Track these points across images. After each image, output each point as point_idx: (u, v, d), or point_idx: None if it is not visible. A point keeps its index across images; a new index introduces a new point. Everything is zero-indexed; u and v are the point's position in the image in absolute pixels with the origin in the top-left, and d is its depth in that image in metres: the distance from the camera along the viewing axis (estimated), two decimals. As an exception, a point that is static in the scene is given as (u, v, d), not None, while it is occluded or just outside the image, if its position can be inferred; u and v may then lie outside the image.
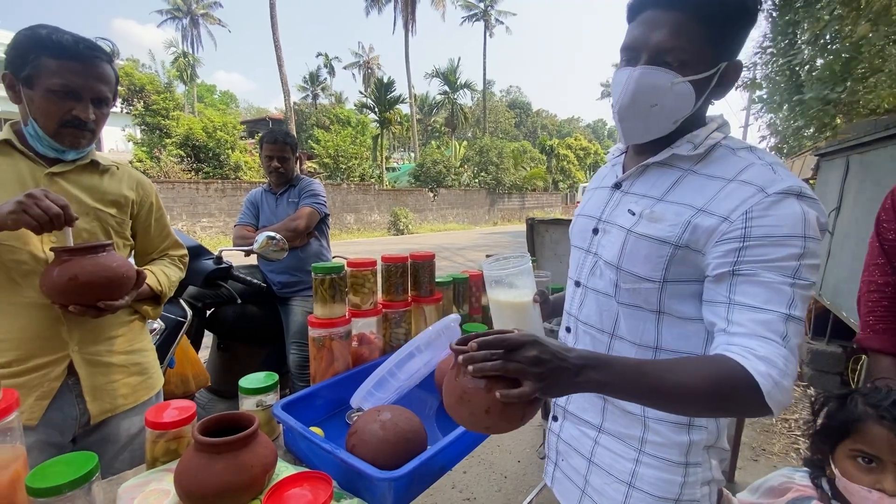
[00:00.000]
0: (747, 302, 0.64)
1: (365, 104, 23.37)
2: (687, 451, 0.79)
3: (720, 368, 0.61)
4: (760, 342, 0.62)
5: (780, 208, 0.65)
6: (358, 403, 1.07)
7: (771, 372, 0.59)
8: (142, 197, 1.25)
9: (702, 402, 0.62)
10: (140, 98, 13.78)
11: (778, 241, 0.64)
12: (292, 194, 2.32)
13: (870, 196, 2.90)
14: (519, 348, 0.59)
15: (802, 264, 0.64)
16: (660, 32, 0.69)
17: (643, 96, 0.72)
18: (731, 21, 0.69)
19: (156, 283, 1.23)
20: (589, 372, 0.60)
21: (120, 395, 1.18)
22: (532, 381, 0.58)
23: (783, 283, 0.63)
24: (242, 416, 0.82)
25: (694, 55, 0.69)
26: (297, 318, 2.18)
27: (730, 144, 0.75)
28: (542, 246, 3.01)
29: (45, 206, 0.91)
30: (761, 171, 0.68)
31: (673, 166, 0.77)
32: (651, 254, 0.73)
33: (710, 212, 0.69)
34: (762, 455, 2.61)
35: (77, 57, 1.00)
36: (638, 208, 0.77)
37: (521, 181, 25.72)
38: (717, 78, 0.72)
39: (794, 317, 0.63)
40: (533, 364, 0.58)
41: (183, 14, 35.29)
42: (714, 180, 0.71)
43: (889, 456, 0.82)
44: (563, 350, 0.61)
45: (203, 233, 12.66)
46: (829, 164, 3.89)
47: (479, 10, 33.20)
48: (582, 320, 0.88)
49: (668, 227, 0.71)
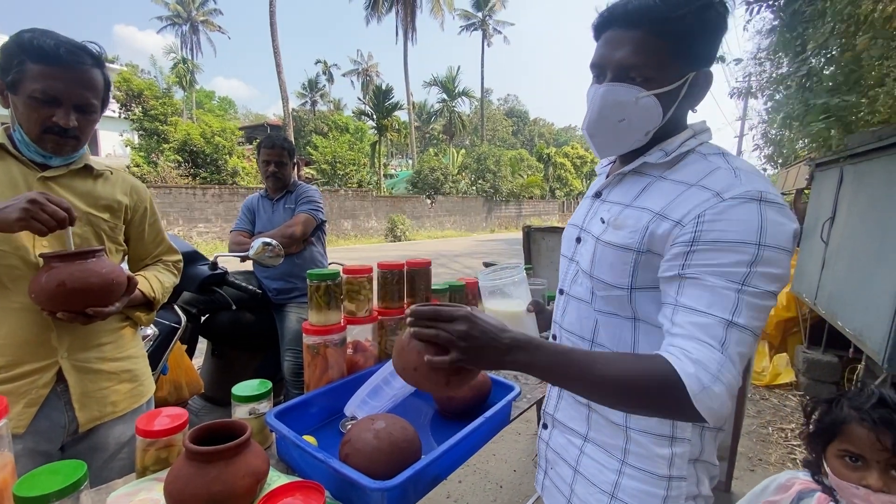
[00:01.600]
0: (689, 304, 0.64)
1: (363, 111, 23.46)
2: (670, 463, 0.77)
3: (650, 366, 0.62)
4: (696, 345, 0.61)
5: (734, 213, 0.63)
6: (352, 412, 1.06)
7: (700, 374, 0.59)
8: (136, 202, 1.24)
9: (627, 395, 0.63)
10: (138, 103, 13.78)
11: (726, 247, 0.63)
12: (289, 200, 2.32)
13: (864, 206, 2.92)
14: (451, 321, 0.66)
15: (754, 271, 0.62)
16: (622, 51, 0.71)
17: (610, 112, 0.74)
18: (694, 34, 0.69)
19: (148, 288, 1.22)
20: (517, 352, 0.65)
21: (109, 403, 1.16)
22: (457, 351, 0.65)
23: (727, 287, 0.62)
24: (235, 425, 0.80)
25: (657, 70, 0.70)
26: (292, 324, 2.16)
27: (703, 150, 0.74)
28: (538, 254, 3.01)
29: (52, 211, 0.91)
30: (723, 176, 0.67)
31: (644, 174, 0.78)
32: (616, 261, 0.74)
33: (665, 216, 0.69)
34: (759, 465, 2.60)
35: (58, 62, 0.98)
36: (608, 216, 0.78)
37: (519, 189, 25.81)
38: (687, 87, 0.72)
39: (737, 324, 0.61)
40: (461, 338, 0.65)
41: (183, 21, 35.48)
42: (678, 185, 0.71)
43: (872, 454, 0.89)
44: (497, 330, 0.66)
45: (199, 238, 12.62)
46: (823, 174, 3.92)
47: (477, 19, 33.51)
48: (565, 328, 0.88)
49: (629, 233, 0.72)
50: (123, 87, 13.54)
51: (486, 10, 33.22)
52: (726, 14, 0.71)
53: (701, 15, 0.68)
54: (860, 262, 2.80)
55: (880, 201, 2.65)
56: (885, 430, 0.88)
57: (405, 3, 26.72)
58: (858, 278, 2.78)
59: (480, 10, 33.18)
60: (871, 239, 2.68)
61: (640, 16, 0.69)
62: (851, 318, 2.81)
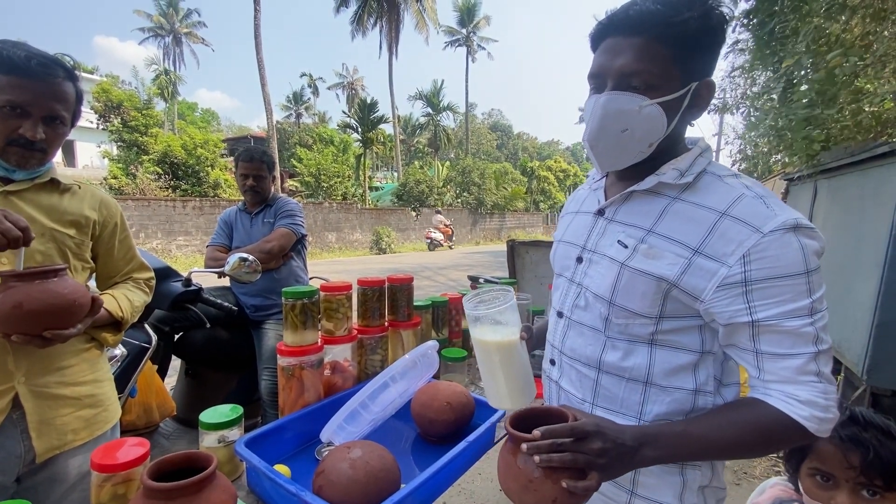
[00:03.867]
0: (775, 351, 0.65)
1: (348, 124, 23.48)
2: (681, 492, 0.75)
3: (765, 419, 0.65)
4: (798, 387, 0.64)
5: (779, 247, 0.63)
6: (328, 438, 1.02)
7: (815, 413, 0.63)
8: (105, 217, 1.19)
9: (752, 451, 0.69)
10: (118, 114, 13.53)
11: (781, 281, 0.64)
12: (268, 214, 2.27)
13: (838, 219, 3.00)
14: (585, 439, 0.60)
15: (814, 299, 0.64)
16: (623, 57, 0.68)
17: (611, 122, 0.71)
18: (697, 41, 0.68)
19: (116, 308, 1.16)
20: (645, 450, 0.63)
21: (70, 431, 1.09)
22: (599, 472, 0.59)
23: (804, 325, 0.64)
24: (199, 457, 0.75)
25: (660, 77, 0.68)
26: (270, 342, 2.10)
27: (715, 171, 0.73)
28: (522, 268, 3.00)
29: (5, 229, 0.85)
30: (753, 206, 0.66)
31: (659, 194, 0.74)
32: (648, 290, 0.71)
33: (708, 255, 0.67)
34: (744, 478, 2.60)
35: (27, 73, 0.95)
36: (630, 241, 0.74)
37: (503, 201, 26.04)
38: (690, 98, 0.70)
39: (822, 350, 0.65)
40: (599, 455, 0.59)
41: (166, 32, 35.23)
42: (702, 210, 0.69)
43: (841, 473, 0.87)
44: (618, 433, 0.62)
45: (179, 251, 12.34)
46: (797, 189, 4.03)
47: (461, 35, 34.04)
48: (567, 353, 0.84)
49: (667, 265, 0.69)
50: (102, 98, 13.30)
51: (470, 27, 33.79)
52: (726, 24, 0.69)
53: (704, 22, 0.66)
54: (837, 274, 2.86)
55: (854, 215, 2.73)
56: (853, 448, 0.86)
57: (390, 19, 27.00)
58: (836, 291, 2.84)
59: (465, 26, 33.75)
60: (847, 252, 2.75)
61: (642, 21, 0.66)
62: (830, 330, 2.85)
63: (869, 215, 2.50)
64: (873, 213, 2.45)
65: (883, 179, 2.38)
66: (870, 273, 2.35)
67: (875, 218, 2.41)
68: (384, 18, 26.97)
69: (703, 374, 0.73)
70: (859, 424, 0.89)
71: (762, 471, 2.66)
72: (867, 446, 0.85)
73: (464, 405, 1.16)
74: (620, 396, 0.77)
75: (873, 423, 0.89)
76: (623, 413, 0.77)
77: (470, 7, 33.37)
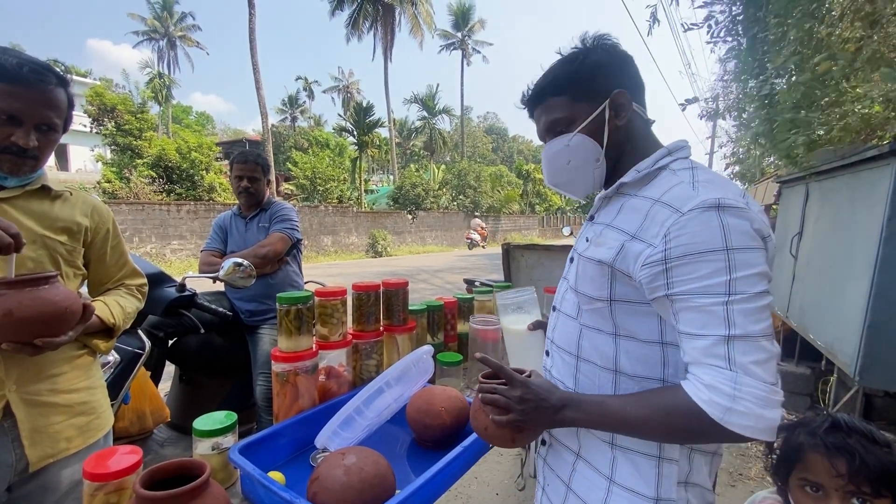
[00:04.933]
0: (688, 330, 0.66)
1: (344, 127, 23.45)
2: (657, 484, 0.76)
3: (671, 400, 0.66)
4: (705, 369, 0.64)
5: (695, 224, 0.66)
6: (323, 444, 1.01)
7: (715, 398, 0.61)
8: (97, 223, 1.18)
9: (662, 431, 0.69)
10: (111, 118, 13.45)
11: (698, 258, 0.65)
12: (263, 219, 2.26)
13: (829, 221, 3.02)
14: (513, 388, 0.77)
15: (734, 278, 0.63)
16: (541, 121, 0.88)
17: (555, 161, 0.87)
18: (586, 77, 0.81)
19: (108, 315, 1.15)
20: (566, 411, 0.74)
21: (63, 439, 1.08)
22: (514, 413, 0.75)
23: (714, 304, 0.64)
24: (193, 464, 0.75)
25: (570, 116, 0.83)
26: (265, 347, 2.08)
27: (674, 166, 0.78)
28: (517, 270, 3.01)
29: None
30: (682, 191, 0.71)
31: (623, 193, 0.83)
32: (595, 275, 0.79)
33: (639, 237, 0.73)
34: (739, 480, 2.61)
35: (20, 81, 0.95)
36: (592, 235, 0.84)
37: (499, 204, 26.09)
38: (609, 111, 0.81)
39: (735, 336, 0.62)
40: (518, 402, 0.75)
41: (160, 36, 35.13)
42: (643, 200, 0.75)
43: (830, 483, 0.85)
44: (546, 391, 0.75)
45: (173, 255, 12.26)
46: (790, 191, 4.06)
47: (456, 39, 34.14)
48: (556, 343, 0.92)
49: (606, 249, 0.77)
50: (96, 102, 13.21)
51: (465, 31, 33.89)
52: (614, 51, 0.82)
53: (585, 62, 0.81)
54: (829, 275, 2.89)
55: (845, 216, 2.75)
56: (839, 456, 0.85)
57: (385, 23, 27.04)
58: (828, 292, 2.86)
59: (460, 30, 33.83)
60: (838, 253, 2.77)
61: (537, 94, 0.87)
62: (822, 330, 2.88)
63: (860, 217, 2.52)
64: (864, 215, 2.47)
65: (873, 182, 2.40)
66: (861, 274, 2.38)
67: (866, 220, 2.43)
68: (379, 22, 27.01)
69: (672, 367, 0.75)
70: (843, 431, 0.88)
71: (757, 472, 2.67)
72: (852, 453, 0.84)
73: (459, 410, 1.16)
74: (597, 384, 0.83)
75: (856, 429, 0.88)
76: None
77: (464, 11, 33.48)
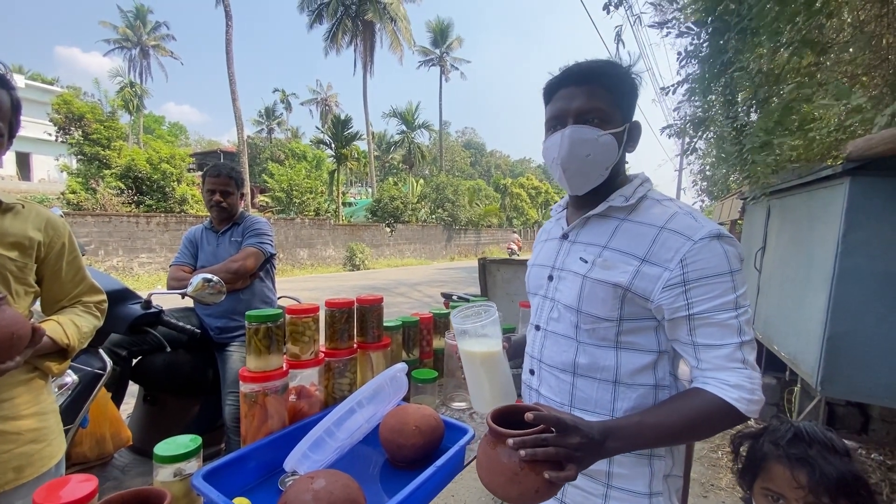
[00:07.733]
0: (707, 342, 0.78)
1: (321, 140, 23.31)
2: (650, 481, 0.85)
3: (703, 404, 0.76)
4: (728, 373, 0.76)
5: (706, 251, 0.78)
6: (292, 467, 0.98)
7: (742, 395, 0.75)
8: (51, 238, 1.12)
9: (697, 433, 0.78)
10: (79, 127, 12.99)
11: (711, 280, 0.77)
12: (235, 233, 2.21)
13: (790, 237, 3.16)
14: (565, 434, 0.68)
15: (738, 295, 0.77)
16: (579, 100, 0.85)
17: (577, 148, 0.85)
18: (626, 90, 0.86)
19: (61, 335, 1.09)
20: (609, 442, 0.72)
21: (10, 469, 1.02)
22: (576, 463, 0.67)
23: (729, 318, 0.77)
24: (151, 493, 0.72)
25: (608, 114, 0.84)
26: (235, 365, 2.02)
27: (654, 196, 0.89)
28: (493, 285, 3.02)
29: None
30: (685, 220, 0.81)
31: (610, 216, 0.89)
32: (606, 297, 0.83)
33: (652, 262, 0.80)
34: (711, 490, 2.65)
35: None
36: (589, 256, 0.87)
37: (477, 218, 26.29)
38: (627, 134, 0.87)
39: (746, 341, 0.77)
40: (577, 449, 0.67)
41: (132, 44, 34.37)
42: (645, 227, 0.84)
43: (791, 493, 0.86)
44: (588, 427, 0.70)
45: (141, 269, 11.83)
46: (753, 207, 4.24)
47: (435, 55, 34.61)
48: (545, 362, 0.94)
49: (620, 273, 0.82)
50: (63, 110, 12.76)
51: (443, 48, 34.41)
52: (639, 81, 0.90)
53: (629, 77, 0.87)
54: (790, 289, 3.01)
55: (803, 233, 2.89)
56: (800, 467, 0.85)
57: (364, 38, 27.22)
58: (790, 304, 2.98)
59: (438, 46, 34.34)
60: (799, 267, 2.90)
61: (592, 72, 0.85)
62: (785, 342, 2.99)
63: (817, 233, 2.65)
64: (821, 231, 2.60)
65: (828, 200, 2.53)
66: (820, 287, 2.48)
67: (822, 236, 2.55)
68: (359, 37, 27.18)
69: (661, 370, 0.86)
70: (804, 442, 0.88)
71: (728, 482, 2.72)
72: (813, 465, 0.84)
73: (433, 429, 1.14)
74: (594, 397, 0.87)
75: (817, 440, 0.88)
76: (597, 412, 0.87)
77: (443, 28, 34.06)
